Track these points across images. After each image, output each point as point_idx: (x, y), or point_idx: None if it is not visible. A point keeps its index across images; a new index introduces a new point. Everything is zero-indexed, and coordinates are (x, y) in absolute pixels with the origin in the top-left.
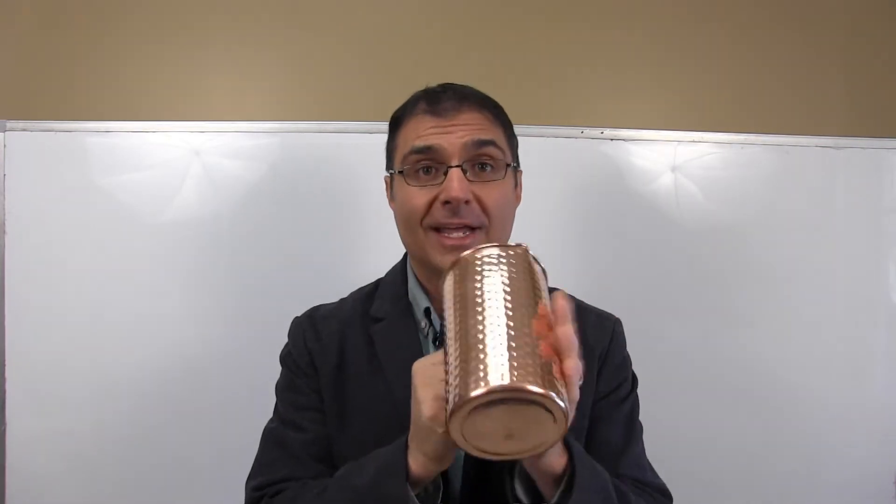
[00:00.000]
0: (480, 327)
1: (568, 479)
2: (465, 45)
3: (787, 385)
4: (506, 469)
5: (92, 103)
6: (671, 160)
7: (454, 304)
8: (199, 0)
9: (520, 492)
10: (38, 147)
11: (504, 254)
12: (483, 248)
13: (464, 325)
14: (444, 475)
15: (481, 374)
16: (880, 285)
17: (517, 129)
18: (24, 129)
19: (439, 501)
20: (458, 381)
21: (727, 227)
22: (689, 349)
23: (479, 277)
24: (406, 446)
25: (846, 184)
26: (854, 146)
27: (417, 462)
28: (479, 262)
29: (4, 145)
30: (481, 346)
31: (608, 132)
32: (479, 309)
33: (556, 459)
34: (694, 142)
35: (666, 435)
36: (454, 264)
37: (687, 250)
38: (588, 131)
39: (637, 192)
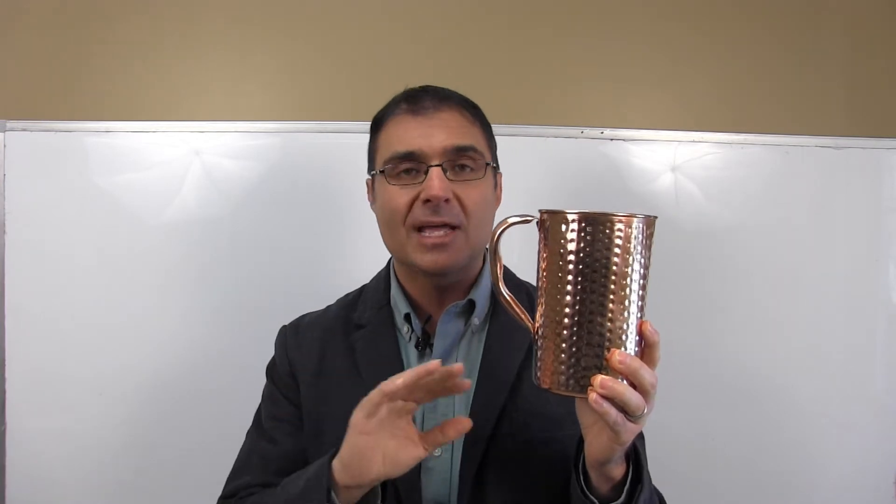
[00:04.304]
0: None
1: (629, 486)
2: (466, 46)
3: (787, 385)
4: (573, 465)
5: (92, 103)
6: (671, 160)
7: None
8: (198, 0)
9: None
10: (38, 147)
11: None
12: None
13: None
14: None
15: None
16: (880, 285)
17: (516, 129)
18: (24, 129)
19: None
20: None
21: (727, 227)
22: (688, 349)
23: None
24: (332, 459)
25: (846, 184)
26: (854, 146)
27: (343, 476)
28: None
29: (4, 145)
30: None
31: (608, 132)
32: None
33: (617, 468)
34: (694, 142)
35: (664, 435)
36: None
37: (687, 250)
38: (588, 131)
39: (637, 193)
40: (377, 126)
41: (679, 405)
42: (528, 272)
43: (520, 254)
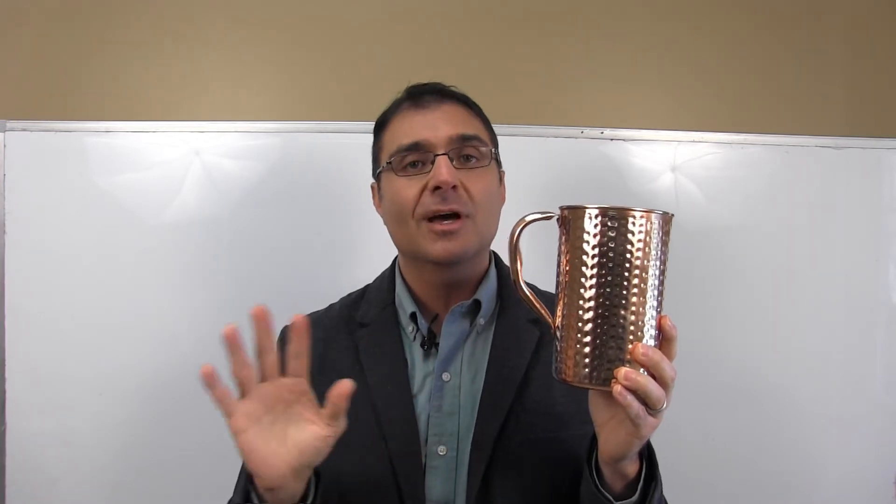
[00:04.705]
0: None
1: (644, 484)
2: (466, 46)
3: (787, 385)
4: (585, 462)
5: (92, 103)
6: (671, 160)
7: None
8: (199, 0)
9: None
10: (38, 147)
11: None
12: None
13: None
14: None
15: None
16: (880, 285)
17: (517, 129)
18: (24, 129)
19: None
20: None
21: (727, 227)
22: (688, 349)
23: None
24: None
25: (846, 184)
26: (854, 146)
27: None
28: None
29: (4, 145)
30: None
31: (608, 132)
32: None
33: (632, 465)
34: (694, 142)
35: (664, 435)
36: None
37: (687, 250)
38: (588, 131)
39: (637, 192)
40: (380, 127)
41: (676, 405)
42: (530, 274)
43: (524, 255)
